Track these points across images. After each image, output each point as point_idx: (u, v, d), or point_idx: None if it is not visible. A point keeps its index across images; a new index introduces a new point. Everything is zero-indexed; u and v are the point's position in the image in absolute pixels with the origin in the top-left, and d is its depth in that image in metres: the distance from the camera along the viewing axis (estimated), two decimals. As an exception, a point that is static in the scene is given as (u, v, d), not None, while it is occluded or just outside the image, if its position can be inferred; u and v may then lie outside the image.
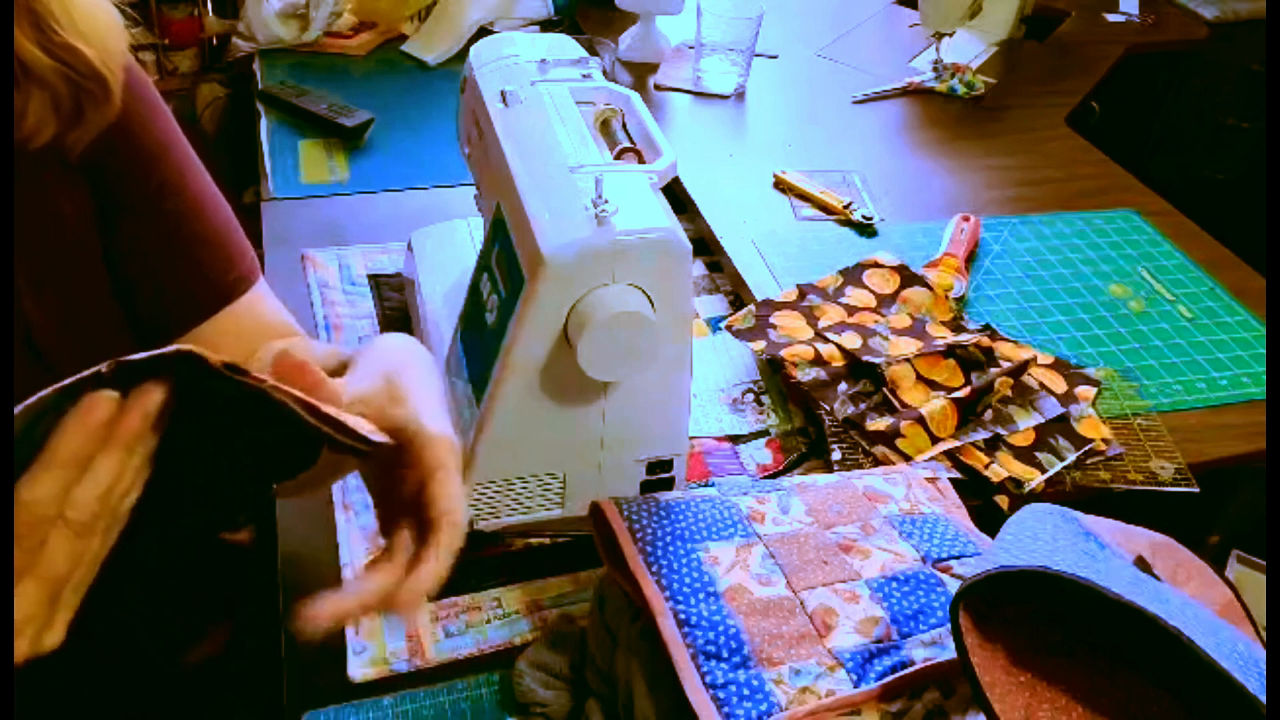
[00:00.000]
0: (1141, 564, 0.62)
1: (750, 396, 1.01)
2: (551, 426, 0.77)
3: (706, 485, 0.90)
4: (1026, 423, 0.95)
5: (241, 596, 0.85)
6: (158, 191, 0.66)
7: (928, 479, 0.82)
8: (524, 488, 0.80)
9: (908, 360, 0.98)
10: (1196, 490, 0.91)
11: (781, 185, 1.32)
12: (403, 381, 0.54)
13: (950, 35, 1.62)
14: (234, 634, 0.83)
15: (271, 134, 1.39)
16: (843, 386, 0.96)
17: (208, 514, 0.50)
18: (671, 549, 0.68)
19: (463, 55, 1.34)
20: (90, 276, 0.65)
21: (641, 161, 0.79)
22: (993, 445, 0.93)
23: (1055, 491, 0.90)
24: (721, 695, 0.59)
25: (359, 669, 0.73)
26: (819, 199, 1.29)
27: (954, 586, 0.67)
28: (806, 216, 1.27)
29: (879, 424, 0.92)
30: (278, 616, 0.78)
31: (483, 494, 0.80)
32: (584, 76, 0.86)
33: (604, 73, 0.89)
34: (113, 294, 0.66)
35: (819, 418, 0.94)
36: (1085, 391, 1.00)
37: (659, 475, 0.83)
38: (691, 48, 1.57)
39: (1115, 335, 1.11)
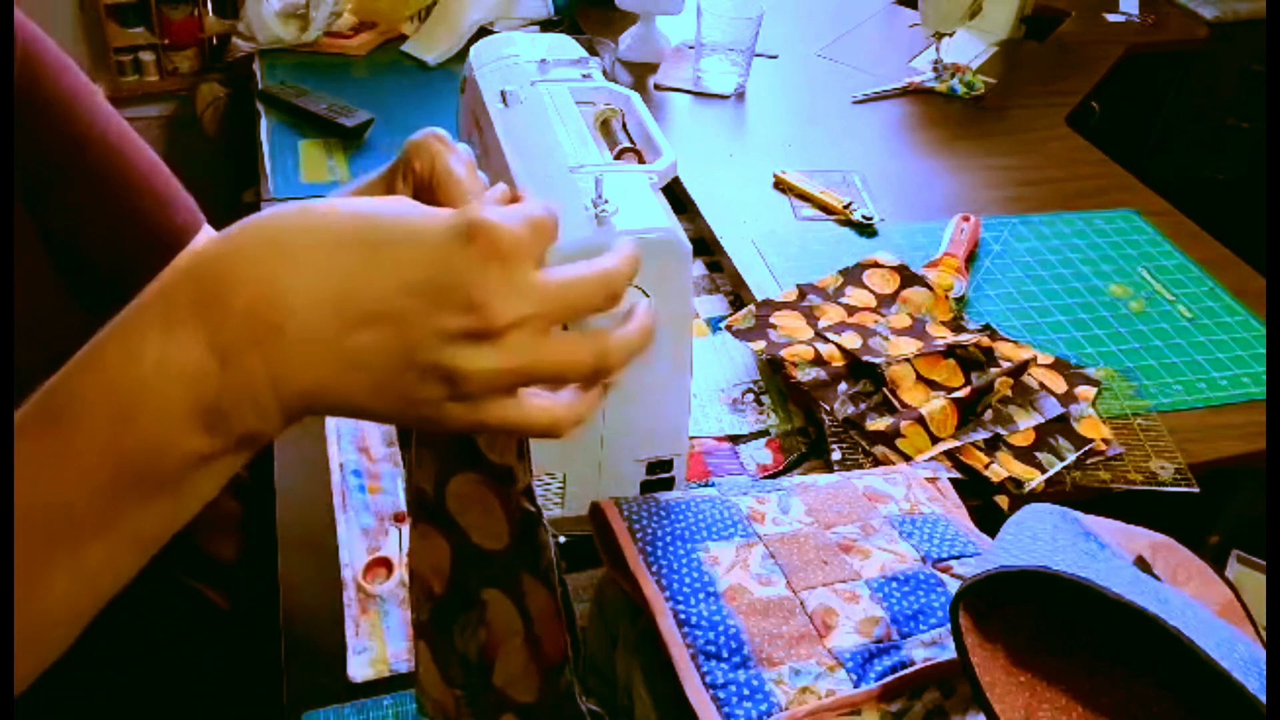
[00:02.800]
0: (1141, 564, 0.62)
1: (750, 396, 1.01)
2: (551, 426, 0.77)
3: (706, 485, 0.90)
4: (1026, 423, 0.95)
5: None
6: (76, 144, 0.65)
7: (928, 479, 0.82)
8: (524, 488, 0.80)
9: (908, 360, 0.98)
10: (1196, 490, 0.91)
11: (781, 185, 1.32)
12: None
13: (950, 35, 1.62)
14: (234, 631, 0.83)
15: (271, 134, 1.39)
16: (843, 386, 0.96)
17: None
18: (671, 549, 0.68)
19: (463, 55, 1.34)
20: (27, 257, 0.64)
21: (641, 161, 0.79)
22: (993, 445, 0.93)
23: (1055, 491, 0.90)
24: (721, 695, 0.59)
25: (359, 669, 0.73)
26: (819, 199, 1.29)
27: (954, 586, 0.67)
28: (806, 216, 1.27)
29: (879, 424, 0.92)
30: (277, 616, 0.78)
31: (483, 494, 0.80)
32: (584, 76, 0.86)
33: (604, 73, 0.89)
34: (54, 270, 0.66)
35: (819, 418, 0.94)
36: (1085, 391, 1.00)
37: (659, 475, 0.83)
38: (691, 48, 1.57)
39: (1115, 335, 1.11)
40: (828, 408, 0.94)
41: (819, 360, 0.98)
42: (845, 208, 1.27)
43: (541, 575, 0.48)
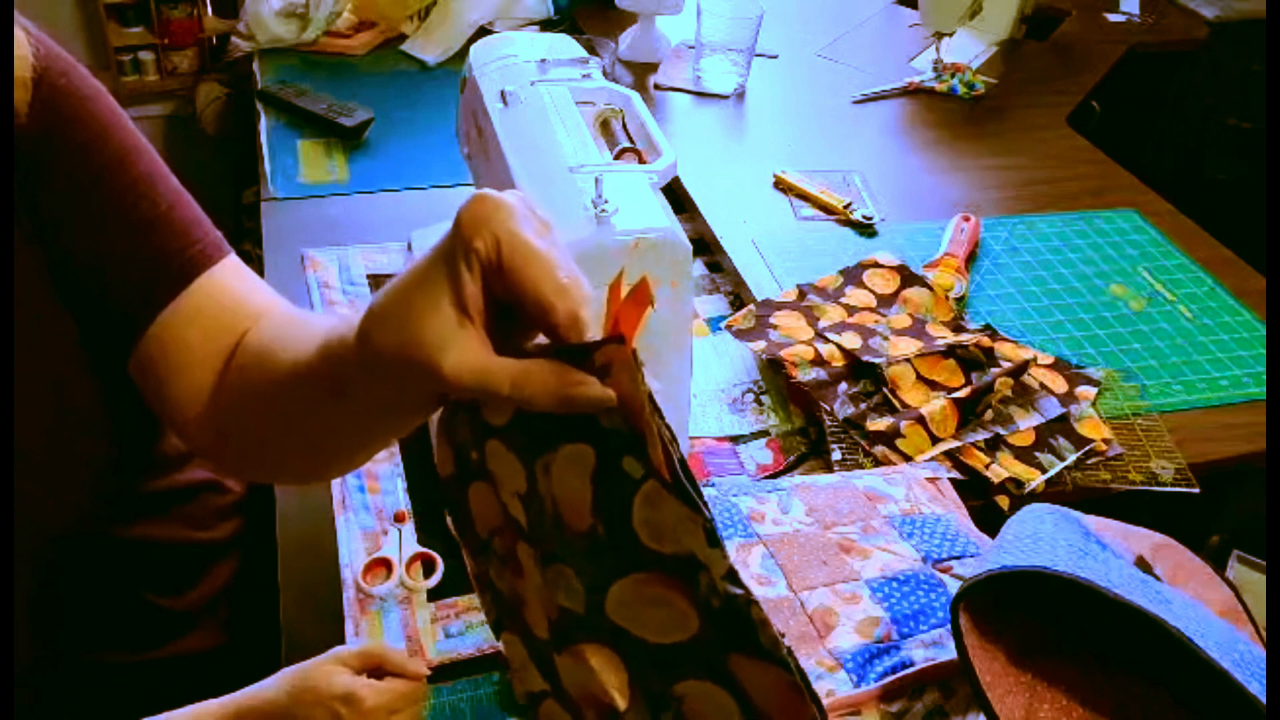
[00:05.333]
0: (1142, 564, 0.62)
1: (750, 396, 1.01)
2: (551, 426, 0.77)
3: (706, 485, 0.89)
4: (1027, 423, 0.95)
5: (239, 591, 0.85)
6: (99, 178, 0.63)
7: (928, 479, 0.82)
8: (524, 488, 0.80)
9: (908, 360, 0.98)
10: (1196, 490, 0.91)
11: (781, 185, 1.32)
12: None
13: (950, 35, 1.62)
14: (233, 633, 0.83)
15: (271, 134, 1.39)
16: (843, 386, 0.96)
17: None
18: (671, 549, 0.68)
19: (463, 55, 1.34)
20: (35, 296, 0.63)
21: (641, 161, 0.79)
22: (993, 445, 0.93)
23: (1055, 492, 0.90)
24: (721, 695, 0.59)
25: (359, 669, 0.73)
26: (819, 199, 1.29)
27: (954, 587, 0.67)
28: (806, 216, 1.27)
29: (879, 424, 0.92)
30: (277, 616, 0.78)
31: (482, 494, 0.79)
32: (584, 76, 0.86)
33: (604, 73, 0.89)
34: (61, 307, 0.64)
35: (819, 418, 0.94)
36: (1085, 391, 1.00)
37: (659, 475, 0.83)
38: (691, 48, 1.57)
39: (1115, 335, 1.11)
40: (828, 408, 0.94)
41: (819, 360, 0.98)
42: (845, 208, 1.27)
43: (763, 654, 0.42)
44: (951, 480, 0.85)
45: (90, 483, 0.70)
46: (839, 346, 0.99)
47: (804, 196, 1.30)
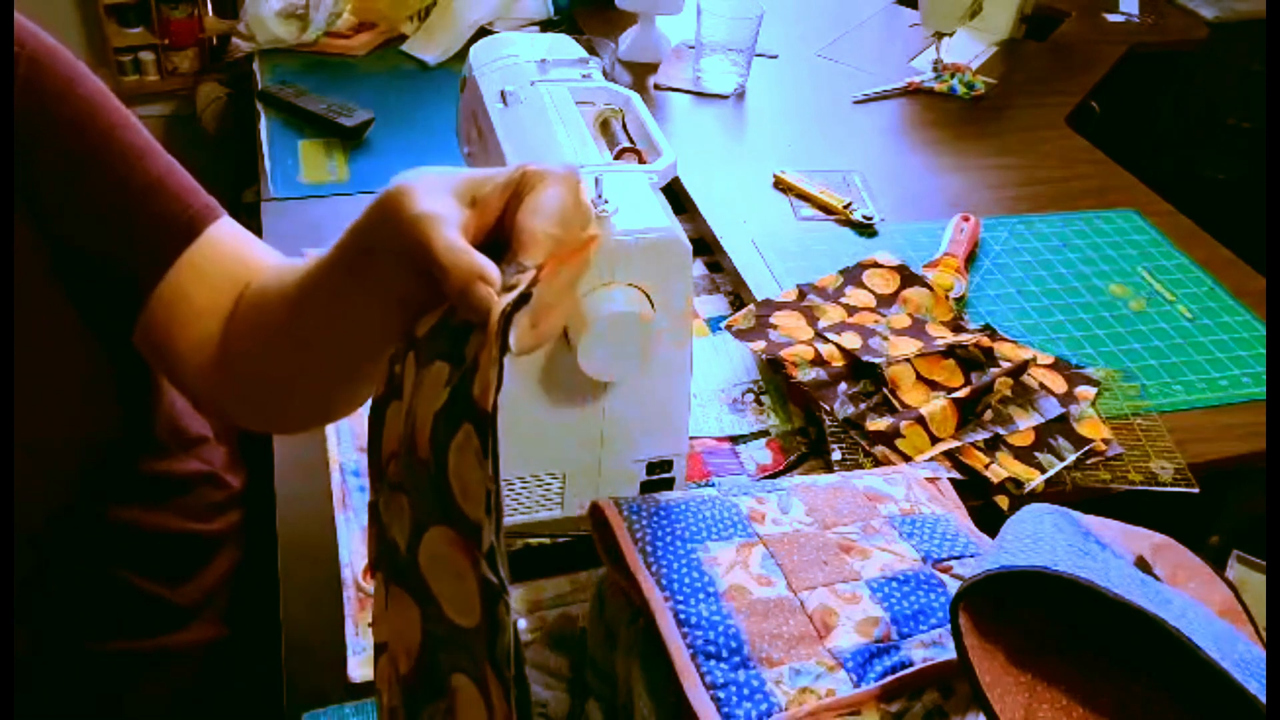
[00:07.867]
0: (1141, 564, 0.62)
1: (750, 396, 1.01)
2: (551, 426, 0.77)
3: (706, 485, 0.89)
4: (1026, 423, 0.95)
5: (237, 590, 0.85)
6: (90, 159, 0.64)
7: (928, 479, 0.82)
8: (524, 488, 0.80)
9: (908, 360, 0.98)
10: (1196, 490, 0.91)
11: (781, 185, 1.32)
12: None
13: (950, 35, 1.62)
14: (232, 625, 0.83)
15: (271, 134, 1.39)
16: (843, 386, 0.96)
17: None
18: (671, 549, 0.68)
19: (463, 55, 1.34)
20: (33, 272, 0.64)
21: (641, 161, 0.79)
22: (993, 445, 0.93)
23: (1055, 492, 0.90)
24: (721, 696, 0.59)
25: (359, 669, 0.73)
26: (819, 199, 1.29)
27: (954, 587, 0.67)
28: (806, 216, 1.27)
29: (879, 424, 0.92)
30: (277, 609, 0.78)
31: (482, 494, 0.79)
32: (584, 76, 0.86)
33: (604, 73, 0.89)
34: (60, 284, 0.65)
35: (819, 418, 0.94)
36: (1085, 391, 1.00)
37: (659, 475, 0.83)
38: (691, 48, 1.57)
39: (1115, 335, 1.11)
40: (828, 408, 0.94)
41: (819, 360, 0.98)
42: (845, 208, 1.27)
43: (495, 664, 0.40)
44: (951, 480, 0.85)
45: (86, 459, 0.71)
46: (839, 346, 0.99)
47: (804, 196, 1.30)
